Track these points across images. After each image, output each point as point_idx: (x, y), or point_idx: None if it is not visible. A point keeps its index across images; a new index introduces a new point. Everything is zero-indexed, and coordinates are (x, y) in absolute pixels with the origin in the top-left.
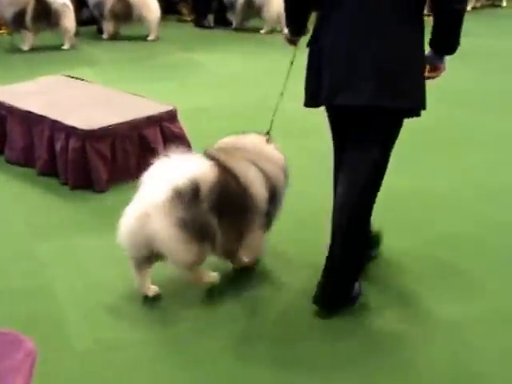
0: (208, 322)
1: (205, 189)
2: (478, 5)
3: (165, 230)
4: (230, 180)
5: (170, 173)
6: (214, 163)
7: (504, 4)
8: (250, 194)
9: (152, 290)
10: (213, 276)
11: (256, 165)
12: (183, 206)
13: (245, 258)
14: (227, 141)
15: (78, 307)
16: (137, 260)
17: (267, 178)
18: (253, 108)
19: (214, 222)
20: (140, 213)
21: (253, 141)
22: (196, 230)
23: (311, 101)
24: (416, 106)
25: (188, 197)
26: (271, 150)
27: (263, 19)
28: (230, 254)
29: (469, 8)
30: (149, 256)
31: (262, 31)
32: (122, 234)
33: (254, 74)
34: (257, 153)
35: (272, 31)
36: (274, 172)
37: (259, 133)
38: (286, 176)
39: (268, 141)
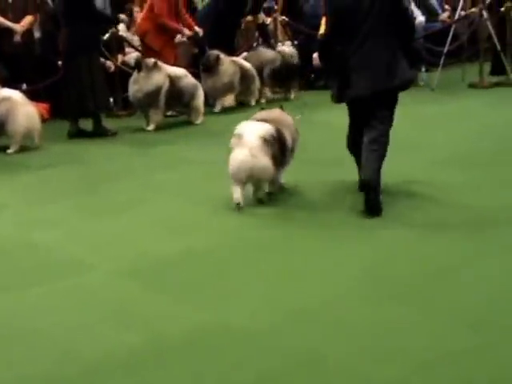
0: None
1: (273, 136)
2: None
3: (264, 161)
4: (279, 133)
5: (254, 129)
6: (269, 125)
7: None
8: (285, 140)
9: (241, 199)
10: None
11: (283, 126)
12: (268, 146)
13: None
14: (263, 114)
15: None
16: (239, 181)
17: (290, 133)
18: None
19: (278, 154)
20: (245, 153)
21: (278, 113)
22: (275, 158)
23: (345, 97)
24: (404, 83)
25: (270, 141)
26: (288, 118)
27: (8, 136)
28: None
29: None
30: (246, 178)
31: (9, 151)
32: (232, 166)
33: None
34: (282, 120)
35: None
36: (292, 131)
37: (280, 107)
38: (298, 133)
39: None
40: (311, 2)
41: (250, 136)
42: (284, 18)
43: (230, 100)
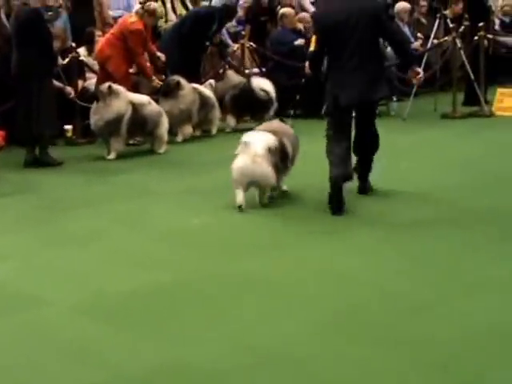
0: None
1: (276, 147)
2: None
3: (265, 168)
4: (281, 143)
5: (259, 139)
6: (274, 136)
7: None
8: (287, 150)
9: (243, 202)
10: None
11: (285, 136)
12: (271, 155)
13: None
14: (268, 126)
15: None
16: (242, 185)
17: (291, 143)
18: None
19: (279, 163)
20: (248, 160)
21: (279, 125)
22: (276, 167)
23: (335, 106)
24: (385, 94)
25: (273, 151)
26: (289, 129)
27: None
28: (278, 183)
29: None
30: (248, 183)
31: None
32: (235, 171)
33: None
34: (282, 130)
35: None
36: (293, 141)
37: (280, 119)
38: (297, 142)
39: (285, 123)
40: (279, 29)
41: (255, 144)
42: (251, 44)
43: (189, 129)
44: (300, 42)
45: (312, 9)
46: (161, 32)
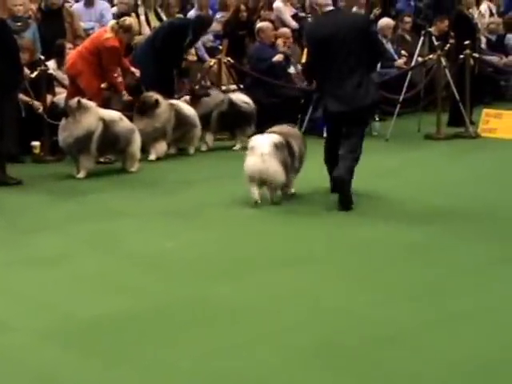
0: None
1: (282, 143)
2: None
3: (273, 165)
4: (288, 143)
5: (268, 138)
6: (280, 136)
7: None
8: (293, 150)
9: (258, 198)
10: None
11: (292, 137)
12: (279, 152)
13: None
14: (275, 129)
15: None
16: (255, 183)
17: (298, 145)
18: None
19: (288, 159)
20: (257, 159)
21: (287, 128)
22: (285, 163)
23: (330, 115)
24: (370, 106)
25: (281, 148)
26: (295, 131)
27: None
28: (287, 183)
29: None
30: (260, 181)
31: None
32: (248, 170)
33: None
34: (291, 133)
35: None
36: (300, 143)
37: (288, 124)
38: (304, 144)
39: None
40: (257, 45)
41: (261, 144)
42: (229, 59)
43: (163, 147)
44: (278, 57)
45: (293, 23)
46: (134, 46)
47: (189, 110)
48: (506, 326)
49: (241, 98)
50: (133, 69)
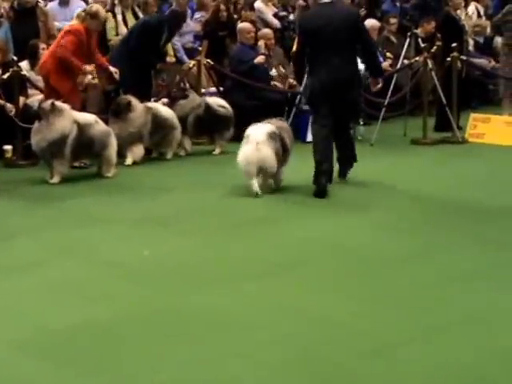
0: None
1: (275, 133)
2: None
3: (268, 153)
4: (280, 133)
5: (263, 128)
6: (273, 126)
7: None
8: (285, 141)
9: (258, 189)
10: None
11: (283, 130)
12: (273, 141)
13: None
14: (267, 121)
15: None
16: (250, 173)
17: (288, 135)
18: None
19: (280, 150)
20: (251, 148)
21: (278, 121)
22: (277, 152)
23: (318, 96)
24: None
25: (275, 138)
26: (285, 124)
27: None
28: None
29: None
30: (256, 170)
31: None
32: (242, 159)
33: None
34: (283, 127)
35: None
36: (290, 136)
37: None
38: (292, 134)
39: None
40: (238, 46)
41: (256, 133)
42: (208, 61)
43: (140, 151)
44: (260, 59)
45: (275, 21)
46: (111, 47)
47: (167, 113)
48: (495, 337)
49: (217, 102)
50: (112, 68)
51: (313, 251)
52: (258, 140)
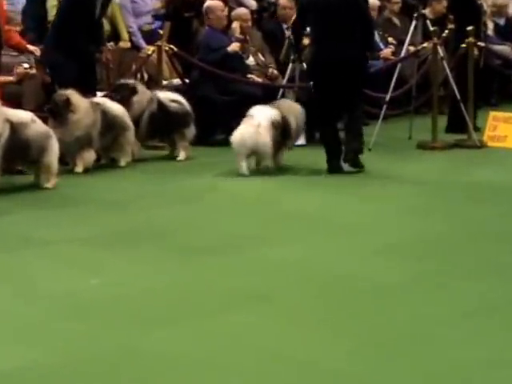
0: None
1: (279, 122)
2: None
3: (266, 140)
4: (284, 118)
5: (268, 112)
6: (277, 110)
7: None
8: (290, 125)
9: (247, 170)
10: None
11: (290, 113)
12: (274, 129)
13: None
14: (275, 103)
15: None
16: (243, 155)
17: (295, 119)
18: None
19: (279, 138)
20: (250, 129)
21: (286, 102)
22: (275, 139)
23: (322, 67)
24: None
25: (277, 126)
26: (295, 105)
27: None
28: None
29: None
30: (249, 153)
31: None
32: (237, 138)
33: None
34: (288, 107)
35: None
36: (298, 117)
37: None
38: (303, 117)
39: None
40: (208, 31)
41: (259, 115)
42: (171, 47)
43: (91, 155)
44: (234, 46)
45: (252, 1)
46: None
47: (118, 110)
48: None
49: (169, 97)
50: (30, 46)
51: (291, 278)
52: (260, 123)
